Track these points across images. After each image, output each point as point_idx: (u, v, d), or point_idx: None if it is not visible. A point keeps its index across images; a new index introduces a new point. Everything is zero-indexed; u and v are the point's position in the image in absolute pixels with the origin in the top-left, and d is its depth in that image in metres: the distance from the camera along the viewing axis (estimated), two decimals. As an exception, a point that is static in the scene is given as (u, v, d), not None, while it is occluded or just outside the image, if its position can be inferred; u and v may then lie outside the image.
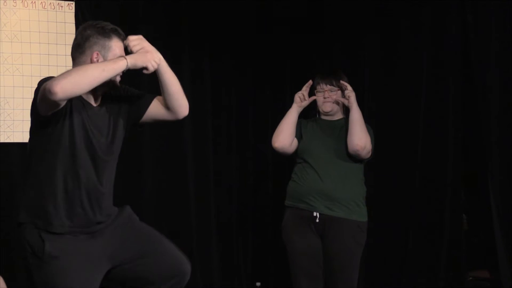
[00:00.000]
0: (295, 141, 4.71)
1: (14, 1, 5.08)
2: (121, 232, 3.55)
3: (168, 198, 5.66)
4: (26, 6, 5.12)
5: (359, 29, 5.75)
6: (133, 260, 3.55)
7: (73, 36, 5.05)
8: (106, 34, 3.48)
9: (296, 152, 4.71)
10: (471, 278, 5.53)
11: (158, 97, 3.67)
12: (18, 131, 5.05)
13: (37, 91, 3.37)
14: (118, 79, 3.54)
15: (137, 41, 3.45)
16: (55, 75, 4.95)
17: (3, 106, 5.01)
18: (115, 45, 3.50)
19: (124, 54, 3.51)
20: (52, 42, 5.16)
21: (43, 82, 3.36)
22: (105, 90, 3.52)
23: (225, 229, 6.04)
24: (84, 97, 3.46)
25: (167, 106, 3.62)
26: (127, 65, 3.37)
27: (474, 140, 5.38)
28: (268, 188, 6.16)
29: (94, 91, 3.45)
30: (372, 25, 5.70)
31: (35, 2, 5.15)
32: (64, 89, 3.20)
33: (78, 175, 3.44)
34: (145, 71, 3.44)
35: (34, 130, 3.50)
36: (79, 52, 3.50)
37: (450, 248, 5.35)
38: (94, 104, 3.51)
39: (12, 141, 5.05)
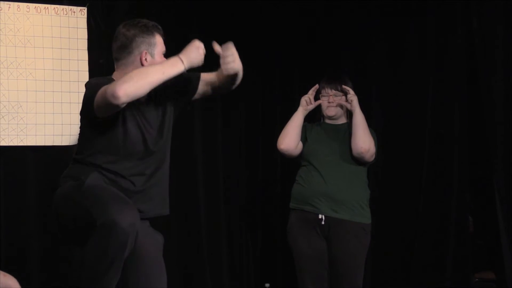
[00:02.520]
0: (300, 144, 4.76)
1: (27, 6, 5.10)
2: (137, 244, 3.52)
3: (177, 200, 5.66)
4: (39, 11, 5.14)
5: (366, 34, 5.78)
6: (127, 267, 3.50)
7: (86, 41, 5.21)
8: (150, 31, 3.57)
9: (301, 155, 4.76)
10: (477, 279, 5.52)
11: (203, 74, 3.76)
12: (31, 134, 5.09)
13: (89, 96, 3.45)
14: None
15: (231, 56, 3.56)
16: (67, 80, 5.08)
17: (16, 110, 5.03)
18: (159, 41, 3.60)
19: (164, 47, 3.63)
20: (64, 47, 5.19)
21: (92, 86, 3.45)
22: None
23: (234, 230, 6.06)
24: None
25: (219, 82, 3.74)
26: (185, 68, 3.47)
27: (480, 143, 5.39)
28: (277, 190, 6.18)
29: None
30: (379, 30, 5.73)
31: (48, 7, 5.18)
32: (127, 93, 3.29)
33: (130, 169, 3.54)
34: None
35: (86, 130, 3.60)
36: (126, 52, 3.58)
37: (456, 250, 5.34)
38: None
39: (25, 144, 5.08)
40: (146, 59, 3.56)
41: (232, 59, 3.54)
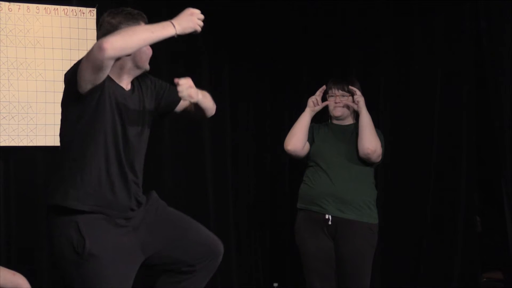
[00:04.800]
0: (307, 145, 4.77)
1: (37, 7, 5.14)
2: (150, 220, 3.52)
3: (186, 200, 5.70)
4: (49, 13, 5.18)
5: (374, 34, 5.79)
6: (166, 247, 3.53)
7: (94, 42, 5.23)
8: (135, 19, 3.48)
9: (308, 155, 4.77)
10: (485, 279, 5.51)
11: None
12: (41, 135, 5.12)
13: (71, 72, 3.39)
14: (147, 67, 3.53)
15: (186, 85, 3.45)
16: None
17: (26, 110, 5.07)
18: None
19: None
20: (74, 47, 5.23)
21: (69, 72, 3.40)
22: (135, 75, 3.52)
23: (242, 231, 6.09)
24: (116, 79, 3.46)
25: (192, 109, 3.65)
26: (176, 32, 3.35)
27: (488, 143, 5.38)
28: (285, 190, 6.20)
29: (126, 74, 3.47)
30: (386, 30, 5.74)
31: (57, 8, 5.21)
32: (114, 46, 3.20)
33: (110, 159, 3.41)
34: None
35: (67, 113, 3.48)
36: None
37: (464, 250, 5.34)
38: (125, 88, 3.50)
39: (35, 144, 5.12)
40: None
41: (182, 89, 3.43)
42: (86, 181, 3.38)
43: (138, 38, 3.29)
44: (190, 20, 3.41)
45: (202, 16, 3.46)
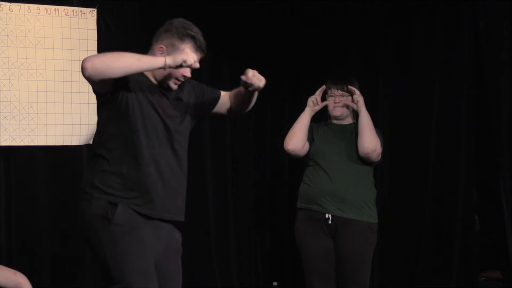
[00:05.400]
0: (307, 144, 4.78)
1: (38, 8, 5.15)
2: (166, 253, 3.53)
3: (186, 199, 5.70)
4: (49, 13, 5.19)
5: (373, 34, 5.81)
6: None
7: (95, 42, 5.26)
8: (182, 36, 3.46)
9: (307, 155, 4.79)
10: (483, 278, 5.49)
11: (223, 93, 3.78)
12: (42, 134, 5.14)
13: None
14: (188, 74, 3.51)
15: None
16: (77, 80, 5.14)
17: (27, 110, 5.08)
18: (185, 50, 3.44)
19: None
20: (74, 48, 5.24)
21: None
22: (174, 81, 3.51)
23: (242, 230, 6.11)
24: (154, 82, 3.48)
25: (233, 105, 3.75)
26: (165, 62, 3.31)
27: (486, 143, 5.39)
28: (285, 190, 6.22)
29: (164, 79, 3.46)
30: (385, 30, 5.75)
31: (58, 9, 5.22)
32: (94, 67, 3.19)
33: (155, 159, 3.45)
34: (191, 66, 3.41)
35: (103, 116, 3.46)
36: (155, 39, 3.51)
37: (462, 249, 5.34)
38: (165, 92, 3.50)
39: (36, 144, 5.13)
40: (160, 53, 3.45)
41: (250, 76, 3.52)
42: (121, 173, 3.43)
43: (122, 63, 3.26)
44: (181, 53, 3.38)
45: (195, 57, 3.43)
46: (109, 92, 3.39)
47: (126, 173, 3.41)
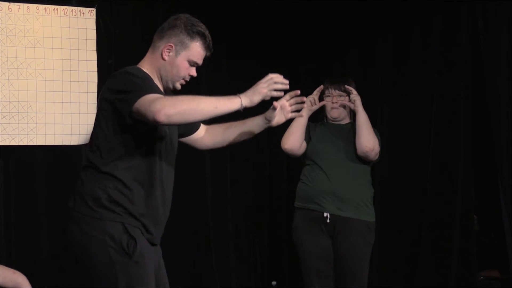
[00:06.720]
0: (304, 144, 4.80)
1: (37, 7, 5.14)
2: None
3: (185, 199, 5.72)
4: (48, 12, 5.19)
5: (372, 33, 5.82)
6: None
7: (94, 41, 5.26)
8: (192, 33, 3.37)
9: (305, 154, 4.80)
10: (482, 277, 5.50)
11: (203, 126, 3.74)
12: (41, 134, 5.13)
13: (129, 96, 3.13)
14: (195, 74, 3.44)
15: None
16: (76, 80, 5.13)
17: (26, 110, 5.08)
18: (195, 48, 3.39)
19: (199, 61, 3.43)
20: (73, 47, 5.24)
21: (137, 87, 3.14)
22: (181, 81, 3.45)
23: (241, 229, 6.11)
24: (159, 82, 3.40)
25: (216, 138, 3.81)
26: (242, 104, 3.21)
27: (485, 142, 5.40)
28: (283, 189, 6.23)
29: (171, 79, 3.40)
30: (384, 30, 5.76)
31: (57, 8, 5.22)
32: (170, 120, 3.04)
33: (157, 175, 3.33)
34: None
35: (116, 128, 3.26)
36: (160, 36, 3.39)
37: (461, 248, 5.35)
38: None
39: (35, 144, 5.13)
40: (168, 52, 3.36)
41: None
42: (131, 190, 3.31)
43: (199, 112, 3.10)
44: (257, 90, 3.31)
45: (281, 80, 3.40)
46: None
47: (139, 194, 3.28)
